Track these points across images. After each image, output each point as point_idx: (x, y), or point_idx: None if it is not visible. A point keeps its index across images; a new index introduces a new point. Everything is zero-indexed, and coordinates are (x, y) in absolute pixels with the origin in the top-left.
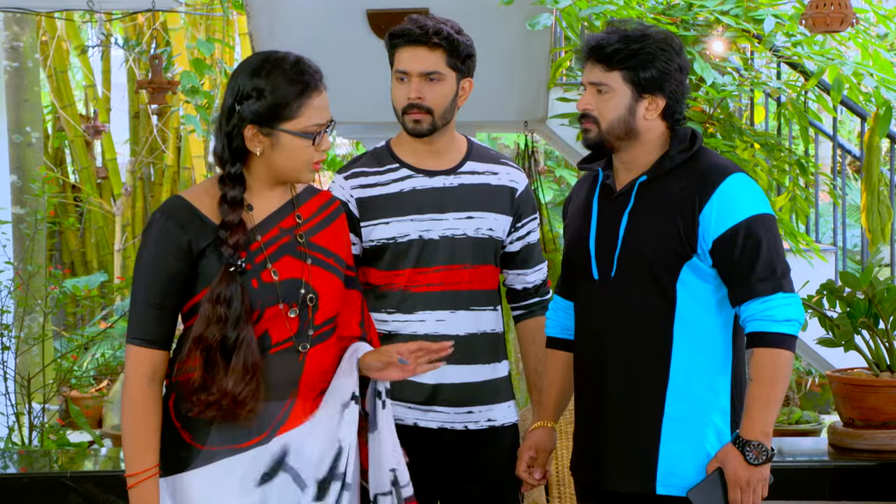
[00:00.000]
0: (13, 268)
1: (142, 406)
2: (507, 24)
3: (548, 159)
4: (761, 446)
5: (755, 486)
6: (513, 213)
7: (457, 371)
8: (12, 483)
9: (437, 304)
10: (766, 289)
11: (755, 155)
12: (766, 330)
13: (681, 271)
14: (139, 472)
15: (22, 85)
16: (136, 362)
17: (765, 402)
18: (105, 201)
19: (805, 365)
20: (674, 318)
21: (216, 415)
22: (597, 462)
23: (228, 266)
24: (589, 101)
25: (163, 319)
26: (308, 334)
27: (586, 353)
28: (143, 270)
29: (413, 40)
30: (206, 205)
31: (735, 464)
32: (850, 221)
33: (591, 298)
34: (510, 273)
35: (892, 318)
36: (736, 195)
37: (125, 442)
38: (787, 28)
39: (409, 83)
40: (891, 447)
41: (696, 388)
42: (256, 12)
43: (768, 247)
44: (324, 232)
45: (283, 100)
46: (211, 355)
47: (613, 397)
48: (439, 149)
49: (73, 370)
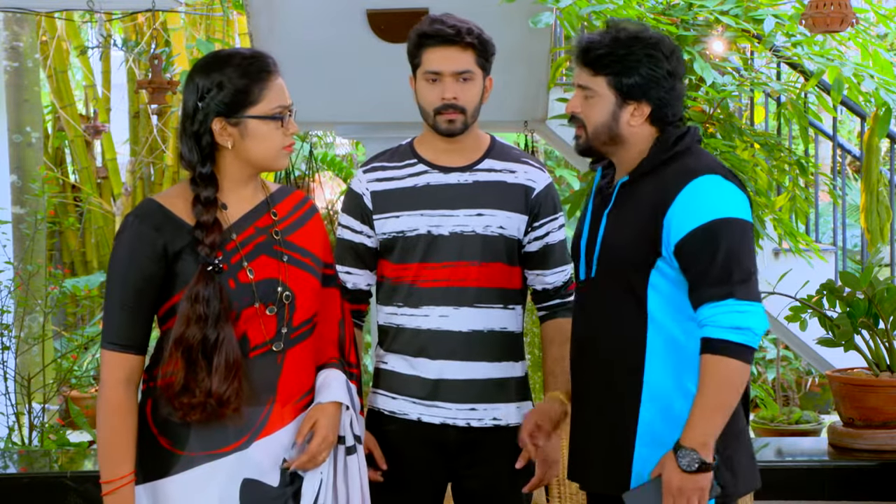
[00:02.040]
0: (13, 268)
1: (118, 412)
2: (507, 24)
3: (548, 159)
4: (695, 454)
5: (688, 494)
6: (528, 211)
7: (458, 367)
8: (12, 483)
9: (441, 300)
10: (717, 294)
11: (755, 155)
12: (712, 336)
13: (650, 275)
14: (115, 480)
15: (22, 85)
16: (111, 367)
17: (705, 411)
18: (105, 201)
19: (805, 365)
20: (646, 322)
21: (201, 416)
22: (580, 463)
23: (206, 266)
24: (576, 105)
25: (138, 323)
26: (286, 335)
27: (573, 355)
28: (117, 274)
29: (446, 40)
30: (179, 207)
31: (668, 469)
32: (850, 221)
33: (579, 298)
34: (530, 273)
35: (892, 318)
36: (700, 197)
37: (101, 448)
38: (787, 28)
39: (442, 83)
40: (891, 447)
41: (671, 391)
42: (256, 12)
43: (727, 251)
44: (300, 231)
45: (244, 86)
46: (192, 356)
47: (591, 399)
48: (462, 147)
49: (73, 370)
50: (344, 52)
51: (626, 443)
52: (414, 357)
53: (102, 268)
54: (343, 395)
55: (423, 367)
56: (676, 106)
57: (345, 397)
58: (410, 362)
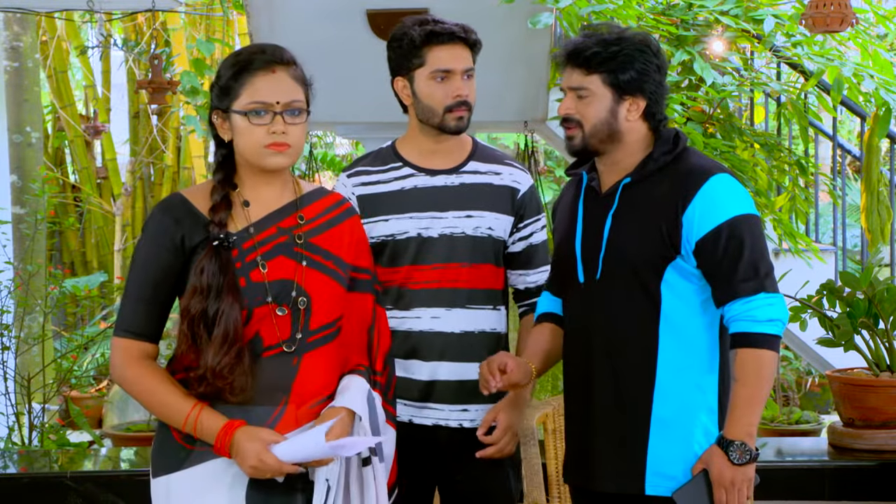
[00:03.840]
0: (13, 268)
1: (146, 377)
2: (507, 24)
3: (548, 159)
4: (745, 446)
5: (740, 486)
6: (514, 213)
7: (451, 368)
8: (12, 483)
9: (432, 302)
10: (749, 289)
11: (755, 155)
12: (749, 330)
13: (665, 272)
14: (186, 419)
15: (22, 85)
16: (121, 350)
17: (748, 403)
18: (105, 201)
19: (805, 365)
20: (659, 319)
21: (205, 390)
22: (585, 463)
23: (212, 241)
24: (570, 106)
25: (152, 314)
26: (302, 339)
27: (573, 355)
28: (136, 264)
29: (456, 38)
30: (201, 202)
31: (719, 464)
32: (850, 221)
33: (578, 301)
34: (513, 273)
35: (892, 318)
36: (719, 196)
37: (160, 413)
38: (787, 28)
39: (452, 81)
40: (891, 447)
41: (684, 388)
42: (256, 12)
43: (751, 247)
44: (328, 233)
45: (228, 80)
46: (194, 328)
47: (601, 399)
48: (447, 148)
49: (73, 370)
50: (344, 52)
51: (640, 441)
52: (405, 359)
53: (102, 268)
54: (359, 404)
55: (415, 368)
56: (663, 102)
57: (360, 406)
58: (402, 364)
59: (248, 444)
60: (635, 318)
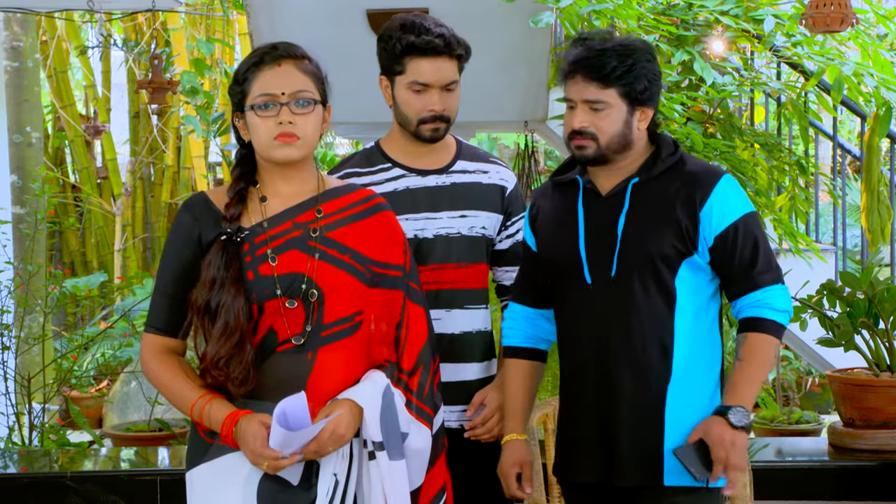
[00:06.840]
0: (13, 268)
1: (166, 370)
2: (507, 24)
3: (548, 159)
4: (744, 410)
5: (740, 447)
6: (503, 211)
7: (453, 369)
8: (12, 483)
9: (432, 304)
10: (768, 279)
11: (755, 155)
12: (765, 317)
13: (680, 267)
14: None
15: (22, 85)
16: (147, 345)
17: (751, 380)
18: (105, 201)
19: (805, 365)
20: (674, 313)
21: (209, 382)
22: (608, 461)
23: (221, 235)
24: (584, 119)
25: (174, 309)
26: (316, 333)
27: (581, 358)
28: (162, 262)
29: (437, 52)
30: (220, 200)
31: (718, 427)
32: (850, 221)
33: (586, 304)
34: (499, 270)
35: (892, 318)
36: (731, 195)
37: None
38: (787, 28)
39: (429, 94)
40: (891, 447)
41: (695, 379)
42: (256, 12)
43: (764, 241)
44: (347, 228)
45: (241, 80)
46: (201, 319)
47: (621, 396)
48: (434, 149)
49: (73, 370)
50: (344, 52)
51: (657, 434)
52: None
53: (103, 268)
54: (368, 398)
55: None
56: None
57: (367, 402)
58: None
59: (246, 426)
60: (653, 312)
